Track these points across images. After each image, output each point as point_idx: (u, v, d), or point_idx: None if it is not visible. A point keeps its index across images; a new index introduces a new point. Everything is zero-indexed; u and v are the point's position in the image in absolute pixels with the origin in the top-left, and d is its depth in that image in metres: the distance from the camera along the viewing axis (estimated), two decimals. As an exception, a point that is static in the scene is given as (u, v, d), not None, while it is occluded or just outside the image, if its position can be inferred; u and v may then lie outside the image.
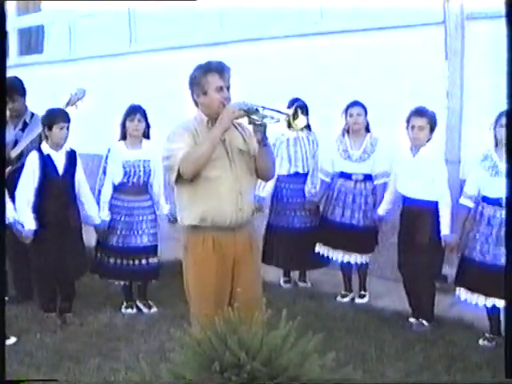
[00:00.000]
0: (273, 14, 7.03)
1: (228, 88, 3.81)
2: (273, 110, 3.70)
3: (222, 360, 2.36)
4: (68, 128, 5.30)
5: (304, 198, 6.24)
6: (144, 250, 5.72)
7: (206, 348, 2.39)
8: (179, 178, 3.72)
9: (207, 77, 3.78)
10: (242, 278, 3.88)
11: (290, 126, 4.08)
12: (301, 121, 3.76)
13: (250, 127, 3.83)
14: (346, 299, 6.09)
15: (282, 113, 3.69)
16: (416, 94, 5.97)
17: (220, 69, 3.80)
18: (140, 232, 5.69)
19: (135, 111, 5.59)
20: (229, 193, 3.78)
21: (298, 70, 6.89)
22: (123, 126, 5.62)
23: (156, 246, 5.80)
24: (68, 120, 5.31)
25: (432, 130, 5.22)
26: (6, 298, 5.05)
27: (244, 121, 3.85)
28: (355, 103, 5.84)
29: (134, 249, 5.68)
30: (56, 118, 5.28)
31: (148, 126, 5.67)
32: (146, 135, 5.69)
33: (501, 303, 4.63)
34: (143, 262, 5.72)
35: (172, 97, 7.91)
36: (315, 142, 6.24)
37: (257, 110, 3.69)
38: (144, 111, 5.62)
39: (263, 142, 3.79)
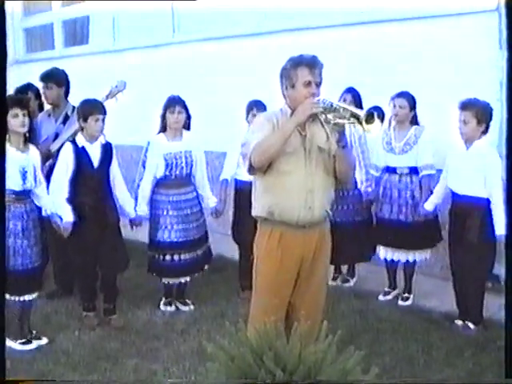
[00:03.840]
0: (316, 4, 6.81)
1: (318, 84, 3.71)
2: (351, 111, 3.56)
3: (256, 377, 2.21)
4: (103, 120, 5.18)
5: (353, 191, 6.00)
6: (195, 242, 5.61)
7: (240, 364, 2.24)
8: (252, 167, 3.68)
9: (297, 70, 3.70)
10: (309, 278, 3.86)
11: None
12: (375, 127, 3.56)
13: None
14: (389, 297, 5.90)
15: (359, 116, 3.51)
16: (468, 85, 5.71)
17: (311, 63, 3.70)
18: (189, 225, 5.57)
19: (175, 103, 5.48)
20: (298, 189, 3.71)
21: (352, 59, 6.68)
22: (163, 117, 5.51)
23: (206, 236, 5.72)
24: (104, 112, 5.19)
25: (481, 122, 4.96)
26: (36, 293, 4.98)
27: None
28: (400, 94, 5.61)
29: (186, 243, 5.56)
30: (91, 109, 5.16)
31: (189, 117, 5.55)
32: (187, 126, 5.57)
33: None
34: (199, 253, 5.65)
35: (214, 87, 7.86)
36: (363, 136, 5.96)
37: (335, 108, 3.58)
38: (184, 102, 5.50)
39: (341, 143, 3.71)
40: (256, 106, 5.74)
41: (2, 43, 3.75)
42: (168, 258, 5.55)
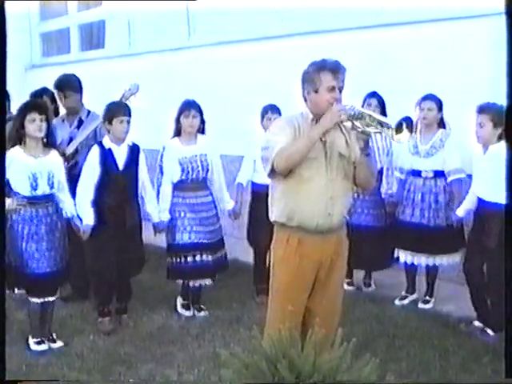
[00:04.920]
0: (334, 7, 6.78)
1: (340, 89, 3.67)
2: (379, 120, 3.52)
3: (270, 385, 2.19)
4: (129, 122, 5.18)
5: (375, 196, 5.96)
6: (211, 245, 5.57)
7: (254, 371, 2.21)
8: (273, 171, 3.65)
9: (320, 75, 3.65)
10: (326, 284, 3.83)
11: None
12: (404, 136, 3.51)
13: (354, 133, 3.70)
14: (405, 301, 5.85)
15: (388, 125, 3.47)
16: (485, 88, 5.65)
17: (334, 68, 3.65)
18: (204, 228, 5.53)
19: (190, 106, 5.45)
20: (319, 196, 3.68)
21: (368, 62, 6.63)
22: (178, 121, 5.49)
23: (222, 239, 5.68)
24: (129, 113, 5.20)
25: (497, 126, 4.89)
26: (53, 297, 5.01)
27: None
28: (427, 97, 5.56)
29: (203, 245, 5.52)
30: (116, 111, 5.18)
31: (203, 122, 5.52)
32: (201, 131, 5.55)
33: None
34: (218, 255, 5.60)
35: (229, 90, 7.85)
36: (388, 138, 5.90)
37: (362, 116, 3.54)
38: (199, 106, 5.48)
39: (365, 151, 3.68)
40: (271, 110, 5.72)
41: (1, 43, 3.74)
42: (190, 259, 5.50)
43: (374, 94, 5.84)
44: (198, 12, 8.53)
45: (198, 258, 5.51)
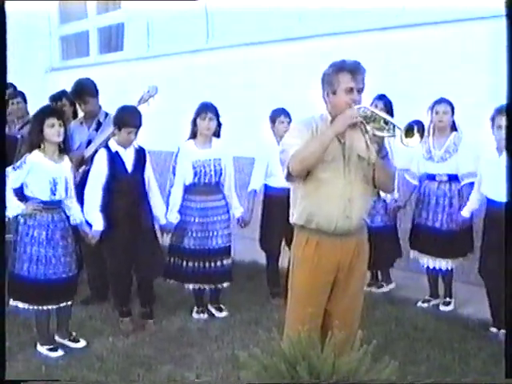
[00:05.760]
0: (356, 7, 6.76)
1: (360, 90, 3.62)
2: (393, 123, 3.48)
3: (289, 387, 2.18)
4: (137, 132, 5.21)
5: (379, 196, 5.90)
6: (219, 251, 5.56)
7: (273, 373, 2.21)
8: (290, 174, 3.63)
9: (338, 76, 3.61)
10: (345, 287, 3.80)
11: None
12: (414, 140, 3.48)
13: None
14: (427, 304, 5.82)
15: (400, 129, 3.43)
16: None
17: (353, 69, 3.61)
18: (215, 233, 5.53)
19: (207, 109, 5.44)
20: (337, 198, 3.65)
21: (382, 64, 6.61)
22: (194, 123, 5.47)
23: (230, 246, 5.64)
24: (139, 124, 5.20)
25: None
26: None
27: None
28: (442, 100, 5.54)
29: (209, 251, 5.52)
30: (126, 121, 5.17)
31: (219, 125, 5.50)
32: (217, 134, 5.53)
33: None
34: (218, 264, 5.56)
35: (247, 94, 7.85)
36: (393, 142, 5.87)
37: (375, 118, 3.51)
38: (216, 109, 5.46)
39: (381, 153, 3.63)
40: (284, 114, 5.72)
41: (1, 43, 3.76)
42: (186, 264, 5.51)
43: (381, 97, 5.80)
44: (216, 14, 8.55)
45: (193, 264, 5.50)
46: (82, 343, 4.99)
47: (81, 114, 6.15)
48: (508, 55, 3.32)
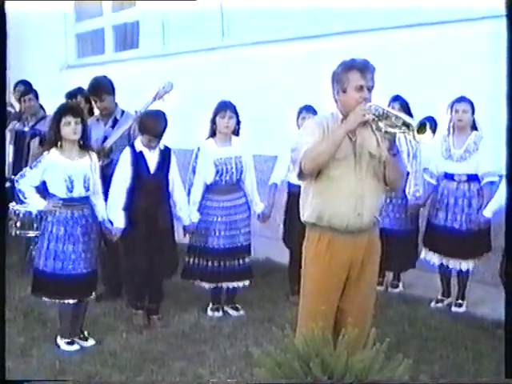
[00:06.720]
0: (365, 7, 6.75)
1: (370, 88, 3.63)
2: (403, 119, 3.47)
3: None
4: (159, 141, 5.26)
5: (402, 200, 5.95)
6: (242, 249, 5.58)
7: (287, 370, 2.21)
8: (302, 172, 3.64)
9: (348, 74, 3.63)
10: (358, 284, 3.81)
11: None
12: (426, 137, 3.47)
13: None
14: (441, 304, 5.79)
15: (411, 125, 3.42)
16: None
17: (363, 67, 3.62)
18: (238, 232, 5.55)
19: (226, 107, 5.43)
20: (348, 195, 3.67)
21: (395, 64, 6.60)
22: (213, 122, 5.47)
23: (250, 244, 5.66)
24: (162, 134, 5.23)
25: None
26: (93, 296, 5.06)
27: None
28: (462, 99, 5.50)
29: (234, 249, 5.54)
30: (151, 131, 5.19)
31: (238, 123, 5.51)
32: (236, 132, 5.53)
33: None
34: (240, 262, 5.59)
35: (263, 91, 7.85)
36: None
37: (387, 116, 3.50)
38: (235, 107, 5.46)
39: (392, 151, 3.63)
40: (306, 110, 5.70)
41: (1, 43, 3.78)
42: (209, 263, 5.52)
43: (397, 98, 5.75)
44: (231, 12, 8.56)
45: (215, 263, 5.51)
46: (91, 342, 5.00)
47: (97, 112, 6.18)
48: (508, 55, 3.29)
